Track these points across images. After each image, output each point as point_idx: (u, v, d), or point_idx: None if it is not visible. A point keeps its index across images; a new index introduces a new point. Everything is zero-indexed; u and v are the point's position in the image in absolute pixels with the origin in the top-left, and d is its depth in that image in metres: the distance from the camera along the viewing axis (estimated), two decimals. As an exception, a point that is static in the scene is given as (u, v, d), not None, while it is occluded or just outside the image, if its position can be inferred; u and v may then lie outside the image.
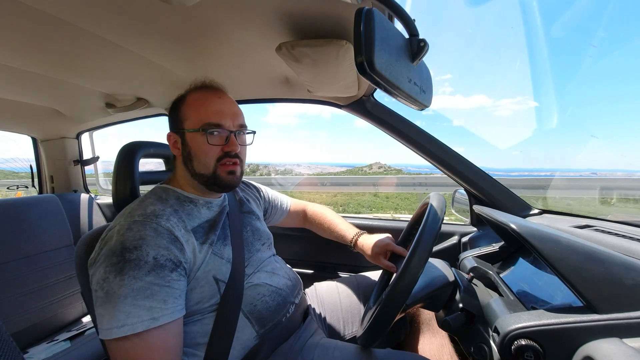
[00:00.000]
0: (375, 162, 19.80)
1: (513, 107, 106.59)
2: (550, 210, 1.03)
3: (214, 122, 0.66)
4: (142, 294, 0.50)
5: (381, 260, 0.82)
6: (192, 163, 0.67)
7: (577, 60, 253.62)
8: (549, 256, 0.53)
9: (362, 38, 0.40)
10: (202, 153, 0.66)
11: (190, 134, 0.66)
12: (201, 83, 0.71)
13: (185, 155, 0.68)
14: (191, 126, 0.66)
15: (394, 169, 19.43)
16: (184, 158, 0.68)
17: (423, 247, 0.55)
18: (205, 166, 0.66)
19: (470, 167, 1.03)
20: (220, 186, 0.68)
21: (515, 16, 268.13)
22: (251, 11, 0.61)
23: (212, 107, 0.67)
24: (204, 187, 0.69)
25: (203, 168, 0.67)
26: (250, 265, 0.71)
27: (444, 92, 19.80)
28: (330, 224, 1.00)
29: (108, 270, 0.51)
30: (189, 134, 0.66)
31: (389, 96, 0.52)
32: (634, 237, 0.67)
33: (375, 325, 0.58)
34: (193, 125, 0.66)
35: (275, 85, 1.05)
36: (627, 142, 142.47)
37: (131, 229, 0.55)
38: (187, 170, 0.68)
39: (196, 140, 0.66)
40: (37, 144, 1.68)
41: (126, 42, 0.74)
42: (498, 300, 0.62)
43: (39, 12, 0.59)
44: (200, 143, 0.65)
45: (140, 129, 28.62)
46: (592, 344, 0.47)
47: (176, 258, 0.56)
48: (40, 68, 0.88)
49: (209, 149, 0.66)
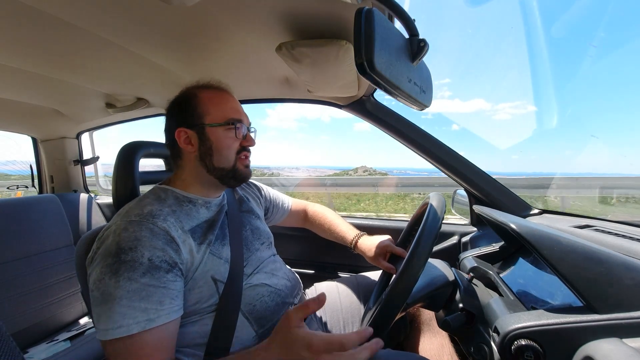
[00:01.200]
0: (361, 166, 19.84)
1: (512, 111, 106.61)
2: (550, 210, 1.03)
3: (237, 118, 0.69)
4: (138, 295, 0.50)
5: (381, 262, 0.83)
6: (211, 158, 0.67)
7: (577, 60, 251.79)
8: (549, 256, 0.53)
9: (362, 38, 0.40)
10: (226, 147, 0.68)
11: (212, 128, 0.67)
12: (208, 83, 0.72)
13: (204, 150, 0.67)
14: (214, 120, 0.67)
15: (378, 173, 19.47)
16: (201, 153, 0.68)
17: (423, 247, 0.55)
18: (227, 160, 0.68)
19: (470, 167, 1.03)
20: (237, 180, 0.71)
21: (514, 18, 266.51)
22: (251, 11, 0.61)
23: (231, 104, 0.70)
24: (218, 182, 0.70)
25: (224, 162, 0.68)
26: (250, 264, 0.71)
27: (442, 96, 19.42)
28: (330, 225, 1.00)
29: (104, 271, 0.51)
30: (211, 128, 0.67)
31: (389, 96, 0.52)
32: (634, 237, 0.67)
33: (375, 326, 0.58)
34: (217, 120, 0.67)
35: (275, 85, 1.06)
36: (628, 142, 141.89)
37: (127, 229, 0.55)
38: (202, 165, 0.68)
39: (219, 135, 0.67)
40: (37, 144, 1.69)
41: (126, 42, 0.74)
42: (498, 300, 0.62)
43: (38, 12, 0.59)
44: (224, 137, 0.67)
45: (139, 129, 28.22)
46: (592, 344, 0.47)
47: (171, 259, 0.55)
48: (40, 68, 0.88)
49: (232, 143, 0.68)
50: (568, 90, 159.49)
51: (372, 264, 0.86)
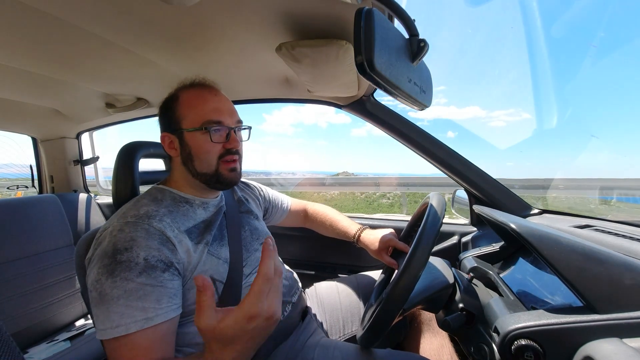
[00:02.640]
0: (343, 171, 20.01)
1: (507, 118, 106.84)
2: (550, 210, 1.03)
3: (215, 120, 0.65)
4: (135, 295, 0.50)
5: (384, 256, 0.83)
6: (192, 163, 0.66)
7: (577, 60, 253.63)
8: (549, 256, 0.53)
9: (362, 38, 0.40)
10: (204, 152, 0.65)
11: (189, 133, 0.65)
12: (192, 81, 0.70)
13: (185, 156, 0.67)
14: (190, 125, 0.65)
15: (358, 177, 19.97)
16: (183, 159, 0.67)
17: (424, 246, 0.55)
18: (208, 165, 0.66)
19: (470, 167, 1.03)
20: (222, 184, 0.68)
21: (512, 19, 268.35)
22: (251, 11, 0.61)
23: (210, 105, 0.66)
24: (206, 186, 0.68)
25: (205, 167, 0.66)
26: (249, 265, 0.71)
27: (438, 102, 18.93)
28: (332, 221, 1.01)
29: (100, 271, 0.51)
30: (189, 133, 0.65)
31: (389, 96, 0.52)
32: (634, 237, 0.67)
33: (375, 326, 0.58)
34: (193, 124, 0.65)
35: (275, 85, 1.05)
36: (628, 141, 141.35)
37: (123, 230, 0.55)
38: (187, 170, 0.68)
39: (197, 139, 0.65)
40: (37, 144, 1.69)
41: (126, 42, 0.74)
42: (498, 300, 0.62)
43: (38, 12, 0.59)
44: (202, 142, 0.65)
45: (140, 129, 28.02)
46: (592, 344, 0.47)
47: (167, 259, 0.55)
48: (40, 68, 0.88)
49: (212, 147, 0.65)
50: (568, 92, 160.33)
51: (372, 264, 0.86)
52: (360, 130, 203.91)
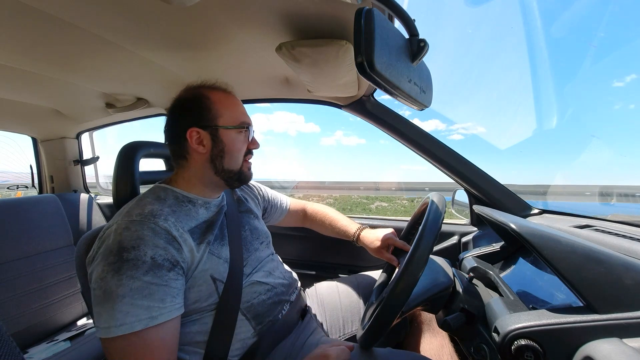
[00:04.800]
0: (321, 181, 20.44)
1: (464, 131, 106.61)
2: (550, 211, 1.03)
3: (247, 122, 0.70)
4: (140, 293, 0.50)
5: (384, 254, 0.83)
6: (222, 159, 0.68)
7: (577, 61, 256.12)
8: (549, 256, 0.53)
9: (362, 38, 0.40)
10: (237, 150, 0.69)
11: (225, 130, 0.67)
12: (215, 84, 0.72)
13: (216, 152, 0.67)
14: (228, 123, 0.68)
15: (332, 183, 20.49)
16: (212, 155, 0.67)
17: (424, 245, 0.55)
18: (236, 162, 0.69)
19: (470, 167, 1.03)
20: (241, 181, 0.72)
21: (513, 19, 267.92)
22: (251, 11, 0.61)
23: (240, 108, 0.72)
24: (224, 183, 0.71)
25: (233, 164, 0.69)
26: (249, 264, 0.71)
27: (403, 114, 19.74)
28: (332, 221, 1.01)
29: (106, 269, 0.51)
30: (224, 130, 0.67)
31: (389, 96, 0.52)
32: (634, 237, 0.67)
33: (375, 326, 0.58)
34: (231, 122, 0.68)
35: (275, 85, 1.06)
36: (628, 141, 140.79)
37: (129, 228, 0.55)
38: (211, 167, 0.68)
39: (231, 137, 0.68)
40: (37, 144, 1.69)
41: (126, 42, 0.74)
42: (498, 300, 0.62)
43: (39, 12, 0.59)
44: (236, 140, 0.68)
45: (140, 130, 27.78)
46: (592, 344, 0.47)
47: (173, 258, 0.56)
48: (40, 68, 0.88)
49: (242, 146, 0.70)
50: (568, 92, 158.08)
51: (372, 264, 0.86)
52: (330, 140, 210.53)
